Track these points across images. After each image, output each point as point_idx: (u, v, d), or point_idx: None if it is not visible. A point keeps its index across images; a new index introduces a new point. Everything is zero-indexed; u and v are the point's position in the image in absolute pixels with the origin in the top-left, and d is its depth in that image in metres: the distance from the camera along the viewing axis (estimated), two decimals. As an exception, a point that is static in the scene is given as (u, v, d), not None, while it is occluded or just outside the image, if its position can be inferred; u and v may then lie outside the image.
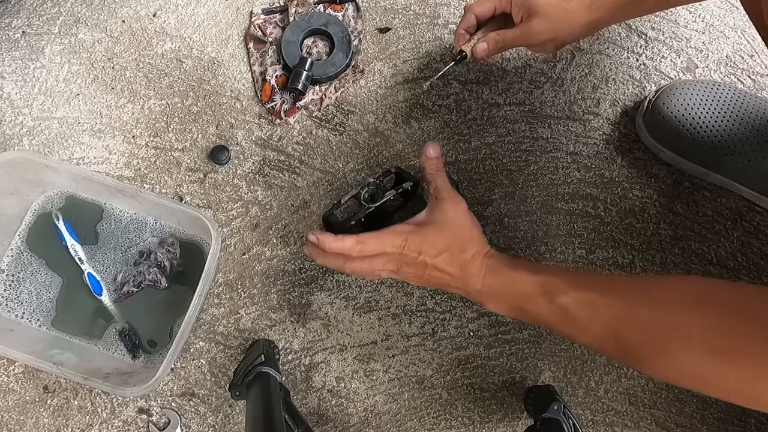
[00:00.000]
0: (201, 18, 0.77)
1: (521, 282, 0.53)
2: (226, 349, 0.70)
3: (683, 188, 0.73)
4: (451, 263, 0.56)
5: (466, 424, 0.70)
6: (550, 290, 0.51)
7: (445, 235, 0.57)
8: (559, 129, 0.75)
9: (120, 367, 0.66)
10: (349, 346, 0.71)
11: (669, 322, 0.42)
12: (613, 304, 0.47)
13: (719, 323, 0.40)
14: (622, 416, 0.71)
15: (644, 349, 0.44)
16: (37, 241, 0.71)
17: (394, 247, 0.56)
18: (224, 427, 0.69)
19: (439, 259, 0.56)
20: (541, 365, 0.71)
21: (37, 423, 0.68)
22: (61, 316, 0.69)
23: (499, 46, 0.63)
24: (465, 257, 0.56)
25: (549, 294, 0.50)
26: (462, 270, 0.56)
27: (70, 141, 0.74)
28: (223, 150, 0.72)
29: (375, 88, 0.76)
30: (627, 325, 0.45)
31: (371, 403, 0.70)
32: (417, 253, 0.56)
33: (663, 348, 0.42)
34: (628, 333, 0.45)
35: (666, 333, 0.42)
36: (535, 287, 0.52)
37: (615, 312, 0.46)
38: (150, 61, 0.76)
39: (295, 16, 0.75)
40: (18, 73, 0.75)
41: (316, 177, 0.74)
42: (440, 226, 0.58)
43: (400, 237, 0.56)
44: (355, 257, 0.56)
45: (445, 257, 0.56)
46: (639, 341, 0.44)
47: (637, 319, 0.45)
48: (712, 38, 0.78)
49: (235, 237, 0.72)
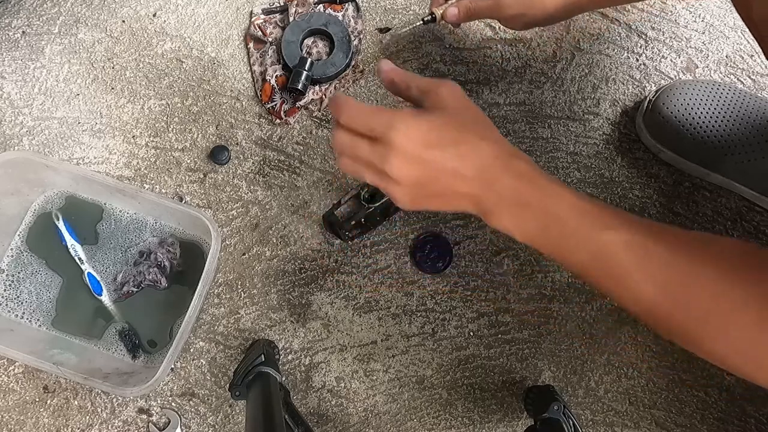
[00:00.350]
0: (201, 18, 0.77)
1: (559, 197, 0.41)
2: (226, 349, 0.70)
3: (683, 188, 0.73)
4: (466, 157, 0.41)
5: (466, 424, 0.70)
6: (596, 220, 0.39)
7: (455, 123, 0.43)
8: (559, 129, 0.75)
9: (120, 367, 0.66)
10: (349, 346, 0.71)
11: (738, 292, 0.35)
12: (674, 259, 0.37)
13: None
14: (622, 416, 0.71)
15: (707, 320, 0.36)
16: (37, 241, 0.71)
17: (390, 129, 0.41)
18: (224, 427, 0.69)
19: (450, 152, 0.41)
20: (541, 365, 0.71)
21: (37, 423, 0.68)
22: (61, 316, 0.69)
23: (469, 14, 0.63)
24: (485, 152, 0.42)
25: (593, 224, 0.39)
26: (481, 169, 0.41)
27: (70, 141, 0.74)
28: (223, 150, 0.72)
29: (375, 88, 0.76)
30: (690, 289, 0.36)
31: (371, 403, 0.70)
32: (421, 144, 0.41)
33: (730, 320, 0.35)
34: (692, 299, 0.36)
35: (735, 303, 0.35)
36: (576, 210, 0.40)
37: (675, 270, 0.37)
38: (150, 61, 0.76)
39: (295, 16, 0.75)
40: (18, 73, 0.75)
41: (316, 177, 0.74)
42: (445, 113, 0.43)
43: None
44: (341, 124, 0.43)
45: (460, 150, 0.41)
46: (704, 310, 0.36)
47: (704, 284, 0.36)
48: (712, 38, 0.78)
49: (235, 237, 0.72)
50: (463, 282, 0.72)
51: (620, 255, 0.38)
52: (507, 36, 0.77)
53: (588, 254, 0.39)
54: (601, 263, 0.39)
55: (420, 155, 0.41)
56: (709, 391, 0.71)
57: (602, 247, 0.38)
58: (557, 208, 0.40)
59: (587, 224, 0.39)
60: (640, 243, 0.38)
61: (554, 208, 0.41)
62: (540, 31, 0.77)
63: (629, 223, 0.39)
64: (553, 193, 0.41)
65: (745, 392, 0.71)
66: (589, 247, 0.39)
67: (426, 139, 0.41)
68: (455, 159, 0.41)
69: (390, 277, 0.72)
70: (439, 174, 0.41)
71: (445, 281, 0.72)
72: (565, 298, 0.72)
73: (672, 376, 0.71)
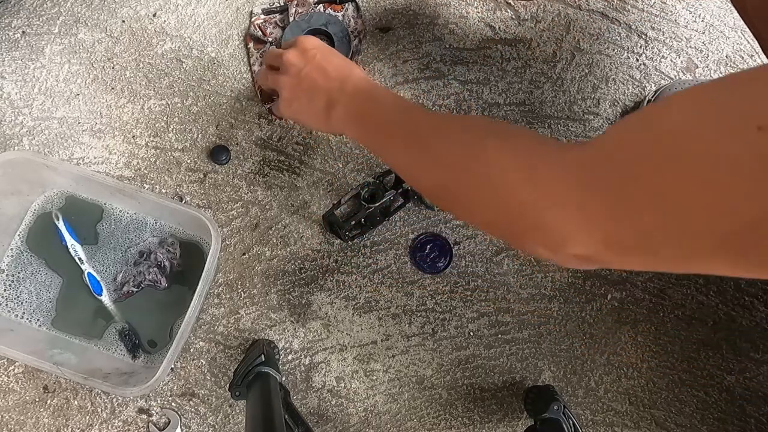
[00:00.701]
0: (201, 18, 0.77)
1: (385, 97, 0.53)
2: (226, 349, 0.70)
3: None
4: (332, 62, 0.56)
5: (466, 424, 0.70)
6: (408, 111, 0.51)
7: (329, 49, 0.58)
8: (559, 129, 0.75)
9: (120, 367, 0.66)
10: (349, 346, 0.71)
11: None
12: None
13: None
14: (622, 416, 0.71)
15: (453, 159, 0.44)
16: (37, 241, 0.71)
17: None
18: (224, 427, 0.69)
19: (324, 55, 0.56)
20: (541, 365, 0.71)
21: (37, 423, 0.68)
22: (61, 316, 0.69)
23: None
24: (345, 63, 0.57)
25: (405, 113, 0.51)
26: (338, 69, 0.55)
27: (70, 141, 0.74)
28: (223, 150, 0.72)
29: (375, 88, 0.76)
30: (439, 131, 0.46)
31: (371, 403, 0.70)
32: (311, 46, 0.57)
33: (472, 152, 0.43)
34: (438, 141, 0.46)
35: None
36: (396, 105, 0.52)
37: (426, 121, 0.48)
38: (150, 61, 0.76)
39: (295, 16, 0.75)
40: (18, 73, 0.75)
41: (316, 177, 0.74)
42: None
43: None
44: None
45: (330, 57, 0.56)
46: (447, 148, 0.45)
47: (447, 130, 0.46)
48: (712, 38, 0.78)
49: (235, 237, 0.72)
50: (463, 282, 0.72)
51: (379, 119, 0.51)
52: (507, 36, 0.77)
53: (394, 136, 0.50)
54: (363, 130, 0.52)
55: (308, 51, 0.57)
56: (709, 391, 0.71)
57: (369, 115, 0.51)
58: (383, 103, 0.52)
59: (403, 114, 0.50)
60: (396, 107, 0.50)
61: (381, 98, 0.52)
62: (540, 31, 0.77)
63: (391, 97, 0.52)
64: (382, 93, 0.53)
65: (745, 392, 0.71)
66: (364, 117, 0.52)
67: (316, 44, 0.58)
68: (325, 61, 0.56)
69: (390, 277, 0.72)
70: (312, 70, 0.55)
71: (445, 281, 0.72)
72: (565, 298, 0.72)
73: (672, 376, 0.71)
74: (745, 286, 0.72)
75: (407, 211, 0.73)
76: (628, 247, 0.33)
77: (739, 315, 0.72)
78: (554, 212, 0.35)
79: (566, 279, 0.72)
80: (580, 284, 0.72)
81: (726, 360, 0.71)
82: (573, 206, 0.34)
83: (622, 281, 0.72)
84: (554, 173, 0.35)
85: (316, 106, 0.55)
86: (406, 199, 0.72)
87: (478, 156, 0.41)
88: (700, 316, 0.72)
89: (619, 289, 0.72)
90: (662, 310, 0.72)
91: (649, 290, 0.72)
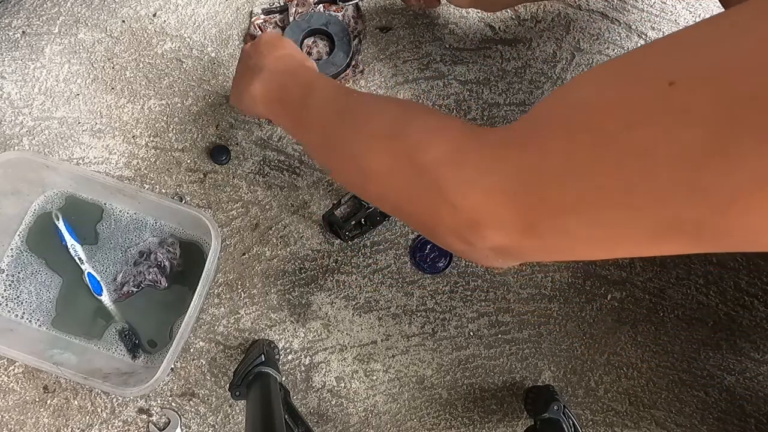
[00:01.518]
0: (201, 18, 0.77)
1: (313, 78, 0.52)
2: (226, 349, 0.70)
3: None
4: (277, 47, 0.57)
5: (466, 424, 0.70)
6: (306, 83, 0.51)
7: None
8: (559, 129, 0.75)
9: (120, 367, 0.66)
10: (349, 346, 0.71)
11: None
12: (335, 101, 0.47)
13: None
14: (622, 416, 0.71)
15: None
16: (37, 241, 0.71)
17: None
18: (224, 427, 0.69)
19: (274, 41, 0.58)
20: (541, 365, 0.71)
21: (37, 423, 0.68)
22: (61, 316, 0.69)
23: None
24: (288, 49, 0.58)
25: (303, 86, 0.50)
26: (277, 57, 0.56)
27: (70, 141, 0.74)
28: (223, 150, 0.72)
29: (375, 88, 0.76)
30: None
31: (371, 403, 0.70)
32: (266, 37, 0.59)
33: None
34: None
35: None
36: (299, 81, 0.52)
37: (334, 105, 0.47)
38: (150, 61, 0.76)
39: (295, 16, 0.75)
40: (18, 73, 0.75)
41: (316, 177, 0.74)
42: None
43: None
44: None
45: (278, 43, 0.58)
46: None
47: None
48: (712, 38, 0.78)
49: (235, 237, 0.72)
50: (463, 282, 0.72)
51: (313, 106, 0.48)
52: (507, 36, 0.77)
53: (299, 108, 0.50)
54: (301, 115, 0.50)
55: (260, 40, 0.58)
56: (709, 391, 0.71)
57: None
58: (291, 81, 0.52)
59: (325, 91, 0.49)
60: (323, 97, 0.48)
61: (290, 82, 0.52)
62: (540, 31, 0.77)
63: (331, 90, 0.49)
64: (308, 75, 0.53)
65: (745, 392, 0.71)
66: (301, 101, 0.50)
67: (271, 35, 0.60)
68: (267, 44, 0.57)
69: (390, 277, 0.72)
70: (256, 52, 0.57)
71: (445, 281, 0.72)
72: (565, 298, 0.72)
73: (672, 376, 0.71)
74: (745, 286, 0.72)
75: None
76: (544, 231, 0.31)
77: (739, 315, 0.72)
78: (470, 197, 0.33)
79: (566, 279, 0.72)
80: (580, 284, 0.72)
81: (726, 360, 0.71)
82: (488, 189, 0.32)
83: (622, 281, 0.72)
84: (473, 155, 0.33)
85: (250, 84, 0.55)
86: (406, 199, 0.72)
87: (400, 133, 0.38)
88: (700, 316, 0.72)
89: (619, 289, 0.72)
90: (662, 310, 0.72)
91: (649, 290, 0.72)
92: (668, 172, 0.25)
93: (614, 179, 0.27)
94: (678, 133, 0.25)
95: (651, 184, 0.26)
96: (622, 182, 0.27)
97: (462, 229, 0.34)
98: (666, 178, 0.25)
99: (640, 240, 0.28)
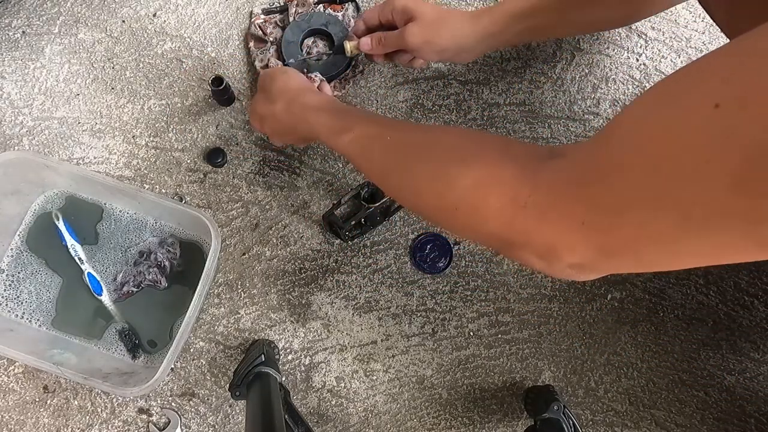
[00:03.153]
0: (201, 18, 0.77)
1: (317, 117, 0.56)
2: (226, 349, 0.70)
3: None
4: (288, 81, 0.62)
5: (466, 424, 0.70)
6: (335, 128, 0.54)
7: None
8: (559, 129, 0.75)
9: (120, 367, 0.66)
10: (349, 346, 0.71)
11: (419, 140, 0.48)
12: (386, 132, 0.50)
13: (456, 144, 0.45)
14: (622, 416, 0.71)
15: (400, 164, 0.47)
16: (37, 241, 0.71)
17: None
18: (224, 427, 0.69)
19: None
20: (541, 365, 0.71)
21: (37, 423, 0.68)
22: (61, 316, 0.69)
23: (381, 44, 0.67)
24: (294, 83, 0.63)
25: (333, 132, 0.54)
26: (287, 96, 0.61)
27: (70, 141, 0.74)
28: (218, 152, 0.72)
29: (375, 88, 0.76)
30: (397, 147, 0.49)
31: (371, 403, 0.70)
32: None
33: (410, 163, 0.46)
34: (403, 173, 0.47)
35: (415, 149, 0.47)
36: (325, 127, 0.55)
37: (388, 139, 0.50)
38: (150, 61, 0.76)
39: (295, 16, 0.75)
40: (18, 73, 0.75)
41: (316, 177, 0.74)
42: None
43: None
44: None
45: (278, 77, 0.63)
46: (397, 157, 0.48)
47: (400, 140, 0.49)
48: (712, 38, 0.78)
49: (235, 237, 0.72)
50: (463, 282, 0.72)
51: (348, 149, 0.52)
52: (507, 36, 0.77)
53: (338, 150, 0.54)
54: (348, 157, 0.53)
55: (269, 93, 0.62)
56: (709, 391, 0.71)
57: (341, 147, 0.53)
58: (315, 123, 0.56)
59: (332, 135, 0.54)
60: (362, 136, 0.51)
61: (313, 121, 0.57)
62: (540, 31, 0.77)
63: (362, 122, 0.53)
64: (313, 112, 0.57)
65: (745, 392, 0.71)
66: (338, 149, 0.54)
67: (273, 83, 0.62)
68: (282, 96, 0.61)
69: (390, 277, 0.72)
70: (279, 112, 0.60)
71: (445, 281, 0.72)
72: (565, 298, 0.72)
73: (672, 376, 0.71)
74: (745, 286, 0.72)
75: (407, 211, 0.73)
76: (616, 251, 0.34)
77: (739, 315, 0.72)
78: (539, 232, 0.36)
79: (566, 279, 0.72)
80: (580, 284, 0.72)
81: (726, 360, 0.71)
82: (554, 223, 0.35)
83: (622, 281, 0.72)
84: (533, 199, 0.36)
85: (298, 135, 0.61)
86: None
87: (448, 196, 0.42)
88: (700, 316, 0.72)
89: (619, 289, 0.72)
90: (662, 310, 0.72)
91: (649, 290, 0.72)
92: (724, 196, 0.26)
93: (669, 198, 0.29)
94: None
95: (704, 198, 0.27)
96: (675, 201, 0.29)
97: (539, 252, 0.37)
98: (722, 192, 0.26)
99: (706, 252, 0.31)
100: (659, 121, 0.29)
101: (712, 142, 0.26)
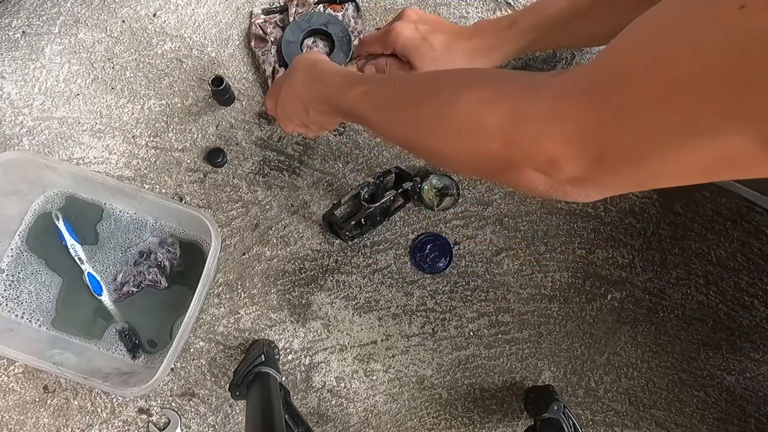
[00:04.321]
0: (201, 18, 0.77)
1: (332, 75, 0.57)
2: (226, 349, 0.70)
3: (683, 188, 0.73)
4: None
5: (466, 424, 0.70)
6: (345, 83, 0.54)
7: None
8: (559, 129, 0.75)
9: (120, 367, 0.66)
10: (349, 346, 0.71)
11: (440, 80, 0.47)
12: (396, 79, 0.51)
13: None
14: (622, 416, 0.71)
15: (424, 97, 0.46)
16: (37, 241, 0.71)
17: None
18: (224, 427, 0.69)
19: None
20: (541, 365, 0.71)
21: (37, 423, 0.68)
22: (61, 316, 0.69)
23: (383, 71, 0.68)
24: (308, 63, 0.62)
25: (344, 86, 0.54)
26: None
27: (70, 141, 0.74)
28: (218, 152, 0.72)
29: (375, 88, 0.76)
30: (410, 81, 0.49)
31: (371, 403, 0.70)
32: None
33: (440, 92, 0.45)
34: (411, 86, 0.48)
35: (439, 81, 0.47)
36: (336, 79, 0.55)
37: (397, 83, 0.50)
38: (150, 61, 0.76)
39: (295, 16, 0.75)
40: (18, 73, 0.75)
41: (316, 177, 0.74)
42: None
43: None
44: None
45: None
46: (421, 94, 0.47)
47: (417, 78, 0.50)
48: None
49: (235, 237, 0.72)
50: (463, 282, 0.72)
51: (358, 101, 0.52)
52: (507, 36, 0.77)
53: (348, 106, 0.53)
54: (357, 111, 0.52)
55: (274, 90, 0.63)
56: (709, 391, 0.71)
57: (351, 100, 0.52)
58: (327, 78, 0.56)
59: (344, 90, 0.53)
60: (373, 86, 0.51)
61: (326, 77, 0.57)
62: (540, 31, 0.77)
63: (375, 78, 0.55)
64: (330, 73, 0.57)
65: (745, 392, 0.71)
66: (348, 103, 0.53)
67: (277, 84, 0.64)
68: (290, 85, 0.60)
69: (390, 277, 0.72)
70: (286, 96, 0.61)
71: (445, 281, 0.72)
72: (565, 298, 0.72)
73: (672, 376, 0.71)
74: (745, 286, 0.72)
75: (407, 211, 0.73)
76: (615, 160, 0.34)
77: (739, 315, 0.72)
78: (540, 144, 0.36)
79: (566, 279, 0.72)
80: (580, 284, 0.72)
81: (726, 360, 0.71)
82: (554, 135, 0.35)
83: (622, 281, 0.72)
84: (533, 112, 0.37)
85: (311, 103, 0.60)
86: (406, 199, 0.72)
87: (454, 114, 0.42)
88: (700, 316, 0.72)
89: (619, 289, 0.72)
90: (662, 310, 0.72)
91: (649, 290, 0.72)
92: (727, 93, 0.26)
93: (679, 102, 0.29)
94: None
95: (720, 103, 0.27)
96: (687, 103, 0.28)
97: (539, 166, 0.37)
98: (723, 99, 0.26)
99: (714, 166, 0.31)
100: (680, 24, 0.29)
101: (733, 42, 0.26)
